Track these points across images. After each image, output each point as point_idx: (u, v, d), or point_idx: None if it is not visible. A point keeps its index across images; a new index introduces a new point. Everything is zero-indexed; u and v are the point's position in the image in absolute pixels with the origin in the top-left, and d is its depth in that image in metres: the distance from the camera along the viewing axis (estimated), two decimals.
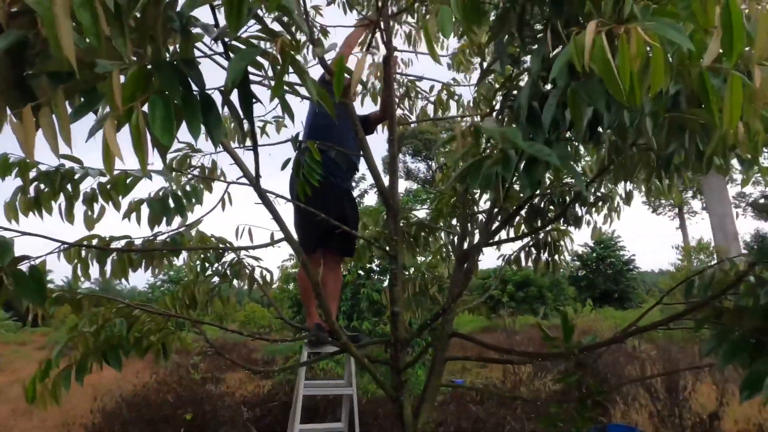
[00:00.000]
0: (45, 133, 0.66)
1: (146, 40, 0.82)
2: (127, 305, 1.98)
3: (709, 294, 1.57)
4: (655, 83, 0.63)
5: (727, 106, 0.68)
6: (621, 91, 0.62)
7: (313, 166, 1.95)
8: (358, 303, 7.05)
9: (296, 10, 0.73)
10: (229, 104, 0.84)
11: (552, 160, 0.82)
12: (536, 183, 0.89)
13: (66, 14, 0.59)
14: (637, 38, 0.60)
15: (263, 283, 2.55)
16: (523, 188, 0.89)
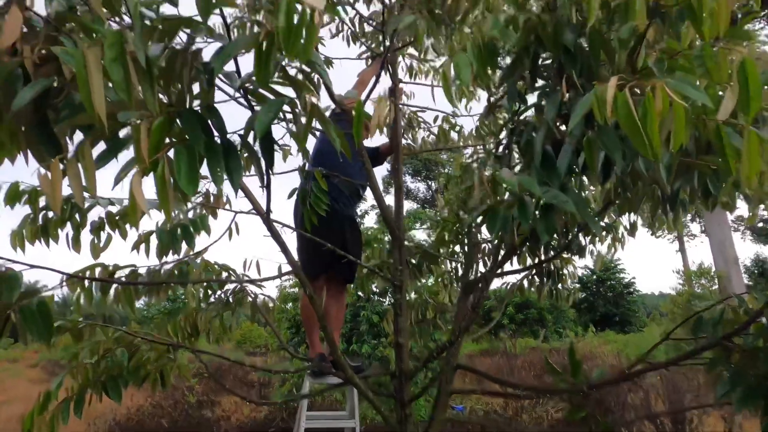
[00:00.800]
0: (72, 184, 0.67)
1: (171, 86, 0.83)
2: (129, 333, 1.96)
3: (719, 332, 1.56)
4: (677, 139, 0.64)
5: (745, 159, 0.70)
6: (646, 145, 0.63)
7: (319, 196, 1.96)
8: (357, 326, 6.97)
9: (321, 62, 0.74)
10: (250, 150, 0.85)
11: (569, 208, 0.83)
12: (553, 229, 0.90)
13: (98, 71, 0.61)
14: (662, 95, 0.61)
15: (265, 311, 2.53)
16: (540, 234, 0.89)
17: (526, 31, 0.99)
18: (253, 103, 0.97)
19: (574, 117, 0.75)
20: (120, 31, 0.64)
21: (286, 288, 8.29)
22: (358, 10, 2.47)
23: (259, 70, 0.70)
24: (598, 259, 2.88)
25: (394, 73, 2.37)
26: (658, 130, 0.62)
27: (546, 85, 1.29)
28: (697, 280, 10.66)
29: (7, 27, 0.81)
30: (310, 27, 0.65)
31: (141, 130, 0.68)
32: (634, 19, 0.80)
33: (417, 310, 3.07)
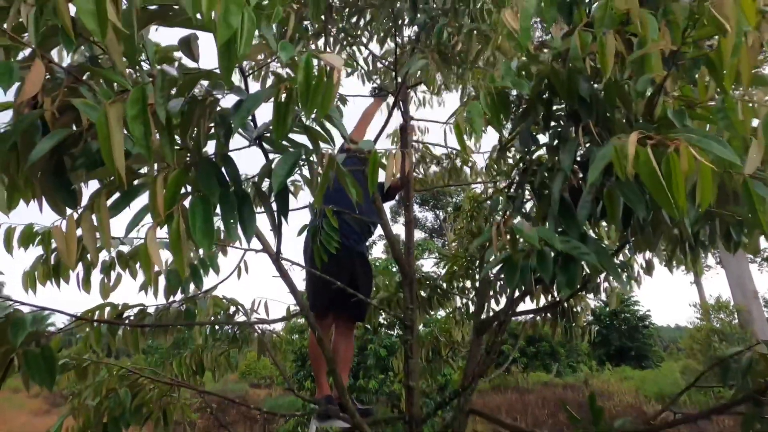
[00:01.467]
0: (85, 237, 0.66)
1: (187, 136, 0.84)
2: (132, 372, 1.92)
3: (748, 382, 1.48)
4: (704, 200, 0.62)
5: None
6: (670, 203, 0.62)
7: (330, 233, 1.95)
8: (364, 360, 6.80)
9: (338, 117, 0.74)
10: (264, 199, 0.85)
11: (591, 260, 0.80)
12: (574, 283, 0.87)
13: (120, 129, 0.61)
14: (687, 155, 0.60)
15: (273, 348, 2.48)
16: (560, 287, 0.86)
17: (539, 79, 0.99)
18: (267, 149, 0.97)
19: (594, 170, 0.73)
20: (142, 88, 0.65)
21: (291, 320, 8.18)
22: (371, 50, 2.54)
23: (277, 125, 0.70)
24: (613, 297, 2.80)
25: (406, 110, 2.40)
26: (684, 189, 0.60)
27: (558, 125, 1.29)
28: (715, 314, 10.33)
29: (30, 80, 0.83)
30: (328, 84, 0.66)
31: (157, 183, 0.67)
32: (651, 71, 0.80)
33: (428, 348, 2.99)
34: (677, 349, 13.36)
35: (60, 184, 0.91)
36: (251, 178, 0.92)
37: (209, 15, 0.60)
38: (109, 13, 0.63)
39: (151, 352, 13.24)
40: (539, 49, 1.07)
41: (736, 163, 0.63)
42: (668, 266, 2.17)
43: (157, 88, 0.67)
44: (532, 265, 0.88)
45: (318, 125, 0.87)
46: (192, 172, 0.80)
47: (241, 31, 0.62)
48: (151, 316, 1.77)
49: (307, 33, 2.09)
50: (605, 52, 0.77)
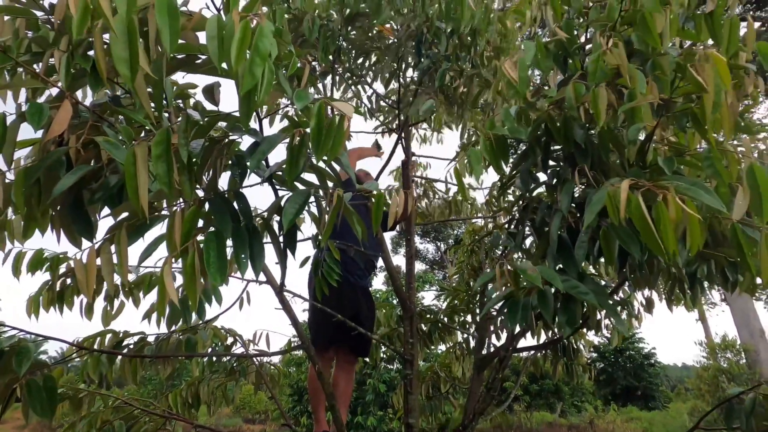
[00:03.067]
0: (104, 270, 0.69)
1: (203, 173, 0.88)
2: (127, 404, 1.89)
3: (753, 423, 1.46)
4: (693, 245, 0.66)
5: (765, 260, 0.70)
6: (660, 248, 0.65)
7: (332, 266, 1.97)
8: (363, 395, 6.63)
9: (347, 160, 0.79)
10: (272, 235, 0.88)
11: (590, 300, 0.82)
12: (574, 322, 0.89)
13: (145, 168, 0.65)
14: (675, 205, 0.64)
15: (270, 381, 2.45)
16: (560, 327, 0.88)
17: (536, 125, 1.05)
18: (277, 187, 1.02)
19: (589, 214, 0.77)
20: (167, 130, 0.69)
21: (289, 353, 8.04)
22: (375, 90, 2.64)
23: (290, 167, 0.75)
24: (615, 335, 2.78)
25: (408, 146, 2.48)
26: (673, 236, 0.64)
27: (557, 165, 1.34)
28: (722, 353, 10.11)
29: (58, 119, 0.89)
30: (339, 130, 0.71)
31: (176, 218, 0.71)
32: (641, 120, 0.85)
33: (428, 383, 2.93)
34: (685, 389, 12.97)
35: (78, 216, 0.95)
36: (261, 214, 0.96)
37: (238, 66, 0.65)
38: (142, 62, 0.69)
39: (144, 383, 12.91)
40: (537, 95, 1.14)
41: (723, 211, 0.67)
42: (668, 304, 2.18)
43: (181, 129, 0.72)
44: (533, 302, 0.90)
45: (327, 165, 0.92)
46: (206, 207, 0.84)
47: (261, 81, 0.68)
48: (151, 346, 1.76)
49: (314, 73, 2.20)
50: (598, 102, 0.83)
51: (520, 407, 11.47)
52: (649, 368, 14.99)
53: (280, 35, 0.80)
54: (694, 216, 0.64)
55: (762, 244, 0.71)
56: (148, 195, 0.68)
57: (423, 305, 3.22)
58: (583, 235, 0.92)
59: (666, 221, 0.63)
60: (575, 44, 1.05)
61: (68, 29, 0.88)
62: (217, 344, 2.17)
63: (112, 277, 0.71)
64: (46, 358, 2.04)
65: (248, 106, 0.67)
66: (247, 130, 0.82)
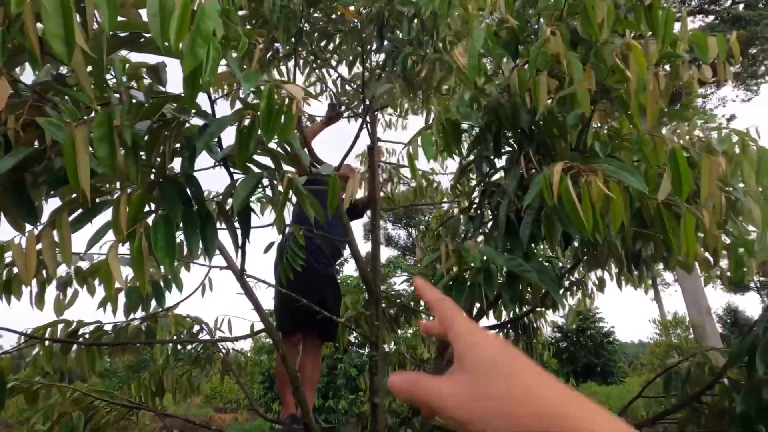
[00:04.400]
0: (45, 255, 0.68)
1: (152, 157, 0.87)
2: (86, 395, 1.85)
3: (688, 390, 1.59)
4: (615, 223, 0.71)
5: (683, 239, 0.77)
6: (585, 225, 0.70)
7: (296, 251, 1.98)
8: (334, 379, 6.71)
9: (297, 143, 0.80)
10: (227, 218, 0.88)
11: (533, 278, 0.87)
12: (516, 299, 0.94)
13: (85, 150, 0.64)
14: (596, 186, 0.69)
15: (237, 368, 2.44)
16: (505, 304, 0.93)
17: (487, 111, 1.08)
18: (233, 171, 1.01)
19: (528, 195, 0.81)
20: (108, 111, 0.68)
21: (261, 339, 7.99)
22: (340, 73, 2.62)
23: (240, 150, 0.75)
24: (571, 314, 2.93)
25: (373, 131, 2.48)
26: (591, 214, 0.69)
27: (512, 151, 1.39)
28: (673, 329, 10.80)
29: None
30: (288, 113, 0.71)
31: (121, 202, 0.70)
32: (579, 107, 0.90)
33: (395, 364, 3.01)
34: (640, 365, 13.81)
35: (20, 200, 0.91)
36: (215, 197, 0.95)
37: (177, 45, 0.65)
38: (77, 38, 0.67)
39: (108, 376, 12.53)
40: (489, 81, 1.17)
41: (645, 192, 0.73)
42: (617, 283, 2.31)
43: (124, 111, 0.71)
44: (479, 281, 0.94)
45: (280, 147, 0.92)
46: (156, 191, 0.83)
47: (206, 62, 0.67)
48: (108, 335, 1.72)
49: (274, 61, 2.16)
50: (538, 89, 0.87)
51: None
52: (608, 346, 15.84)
53: (228, 15, 0.79)
54: (617, 195, 0.69)
55: (681, 223, 0.78)
56: (90, 178, 0.67)
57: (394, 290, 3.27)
58: (526, 217, 0.96)
59: (586, 201, 0.68)
60: (526, 32, 1.08)
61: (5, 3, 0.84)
62: (181, 332, 2.14)
63: (55, 263, 0.69)
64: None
65: (193, 87, 0.66)
66: (197, 112, 0.81)
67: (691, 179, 0.75)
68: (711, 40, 1.08)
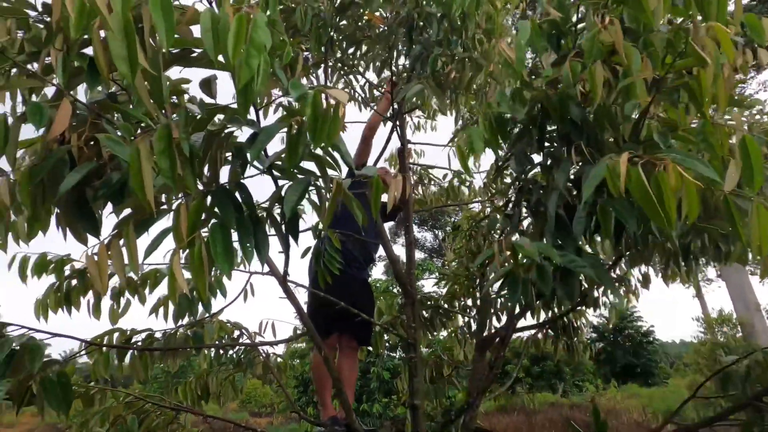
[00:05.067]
0: (114, 264, 0.71)
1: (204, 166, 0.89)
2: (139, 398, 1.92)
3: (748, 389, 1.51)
4: (691, 214, 0.68)
5: (754, 230, 0.72)
6: (662, 218, 0.67)
7: (333, 255, 1.99)
8: (367, 383, 6.72)
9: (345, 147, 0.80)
10: (275, 224, 0.90)
11: (587, 273, 0.85)
12: (573, 295, 0.91)
13: (149, 164, 0.67)
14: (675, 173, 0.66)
15: (277, 371, 2.48)
16: (559, 300, 0.91)
17: (532, 104, 1.06)
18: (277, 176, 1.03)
19: (587, 187, 0.79)
20: (168, 125, 0.70)
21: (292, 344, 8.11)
22: (368, 79, 2.64)
23: (289, 155, 0.76)
24: (613, 312, 2.82)
25: (403, 134, 2.48)
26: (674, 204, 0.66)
27: (552, 147, 1.36)
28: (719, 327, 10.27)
29: (59, 118, 0.89)
30: (334, 118, 0.72)
31: (181, 211, 0.73)
32: (636, 97, 0.87)
33: (431, 367, 2.98)
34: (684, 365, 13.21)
35: (83, 214, 0.96)
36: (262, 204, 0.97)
37: (235, 58, 0.66)
38: (140, 58, 0.70)
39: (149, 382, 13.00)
40: (531, 77, 1.15)
41: (717, 181, 0.69)
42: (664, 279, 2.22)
43: (181, 124, 0.73)
44: (532, 278, 0.92)
45: (325, 153, 0.93)
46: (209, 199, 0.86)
47: (258, 73, 0.68)
48: (158, 341, 1.79)
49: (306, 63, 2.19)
50: (594, 80, 0.84)
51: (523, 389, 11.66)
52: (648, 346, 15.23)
53: (273, 25, 0.81)
54: (691, 184, 0.66)
55: (752, 214, 0.73)
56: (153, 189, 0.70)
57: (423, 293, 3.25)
58: (581, 211, 0.94)
59: (668, 189, 0.65)
60: (569, 23, 1.06)
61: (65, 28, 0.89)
62: (224, 337, 2.20)
63: (124, 272, 0.72)
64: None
65: (246, 98, 0.68)
66: (246, 122, 0.83)
67: (763, 168, 0.71)
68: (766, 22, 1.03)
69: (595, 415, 1.80)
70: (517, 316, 1.88)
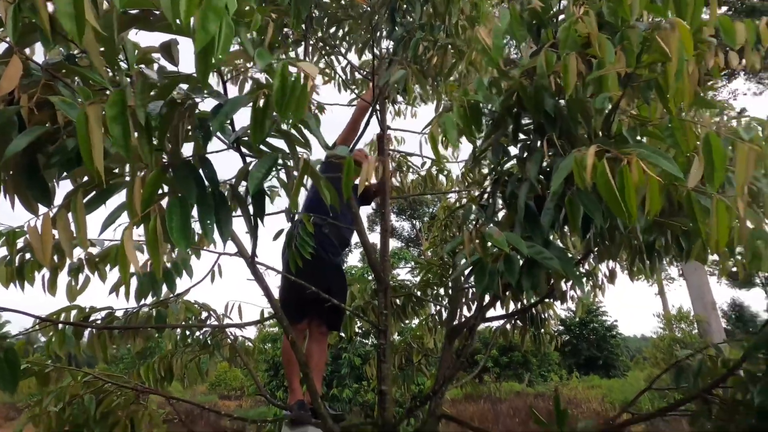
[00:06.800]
0: (61, 236, 0.66)
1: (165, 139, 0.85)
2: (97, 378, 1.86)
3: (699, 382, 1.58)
4: (654, 208, 0.69)
5: (714, 226, 0.74)
6: (623, 211, 0.67)
7: (305, 239, 1.96)
8: (338, 368, 6.76)
9: (313, 123, 0.78)
10: (240, 201, 0.86)
11: (554, 265, 0.85)
12: (537, 285, 0.92)
13: (99, 128, 0.62)
14: (638, 169, 0.66)
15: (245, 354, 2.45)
16: (525, 290, 0.91)
17: (508, 94, 1.05)
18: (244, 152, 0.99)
19: (556, 179, 0.79)
20: (122, 90, 0.66)
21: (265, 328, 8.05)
22: (349, 60, 2.58)
23: (255, 129, 0.73)
24: (580, 305, 2.91)
25: (383, 120, 2.45)
26: (634, 198, 0.66)
27: (527, 138, 1.36)
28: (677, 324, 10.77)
29: (7, 75, 0.83)
30: (302, 91, 0.69)
31: (135, 183, 0.69)
32: (608, 89, 0.87)
33: (401, 354, 3.01)
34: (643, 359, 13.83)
35: (33, 181, 0.90)
36: (228, 181, 0.94)
37: (188, 21, 0.62)
38: (88, 16, 0.65)
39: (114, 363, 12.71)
40: (509, 66, 1.14)
41: (680, 177, 0.70)
42: (629, 275, 2.29)
43: (137, 90, 0.69)
44: (500, 269, 0.93)
45: (295, 130, 0.90)
46: (169, 173, 0.82)
47: (218, 38, 0.64)
48: (119, 320, 1.73)
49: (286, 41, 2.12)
50: (568, 70, 0.84)
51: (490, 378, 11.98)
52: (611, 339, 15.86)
53: None
54: (654, 180, 0.67)
55: (713, 210, 0.75)
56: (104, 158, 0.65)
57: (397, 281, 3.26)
58: (549, 203, 0.94)
59: (629, 184, 0.66)
60: (549, 12, 1.05)
61: None
62: (190, 318, 2.15)
63: (71, 246, 0.68)
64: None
65: (205, 65, 0.64)
66: (210, 93, 0.79)
67: (725, 166, 0.73)
68: (739, 26, 1.05)
69: (556, 405, 1.85)
70: (486, 306, 1.91)
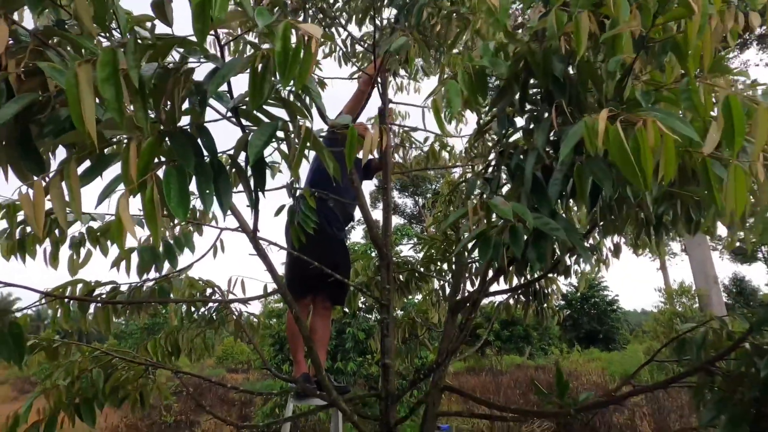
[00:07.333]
0: (54, 205, 0.64)
1: (161, 104, 0.82)
2: (105, 353, 1.89)
3: (702, 355, 1.58)
4: (668, 173, 0.66)
5: (730, 193, 0.71)
6: (638, 177, 0.65)
7: (308, 214, 1.95)
8: (343, 343, 6.87)
9: (316, 89, 0.74)
10: (240, 171, 0.84)
11: (560, 236, 0.83)
12: (543, 257, 0.90)
13: (90, 90, 0.59)
14: (654, 130, 0.63)
15: (250, 329, 2.48)
16: (531, 263, 0.90)
17: (515, 60, 1.01)
18: (243, 122, 0.96)
19: (565, 146, 0.76)
20: (113, 49, 0.63)
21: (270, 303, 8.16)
22: (350, 32, 2.50)
23: (253, 93, 0.70)
24: (582, 279, 2.91)
25: (384, 93, 2.39)
26: (651, 162, 0.63)
27: (534, 109, 1.32)
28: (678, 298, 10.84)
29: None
30: (306, 54, 0.65)
31: (130, 149, 0.66)
32: (621, 52, 0.83)
33: (404, 328, 3.04)
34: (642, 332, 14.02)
35: (26, 151, 0.87)
36: (227, 152, 0.91)
37: None
38: None
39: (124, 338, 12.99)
40: (517, 30, 1.09)
41: (696, 141, 0.67)
42: (634, 249, 2.27)
43: (129, 50, 0.65)
44: (505, 240, 0.91)
45: (296, 98, 0.87)
46: (166, 141, 0.79)
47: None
48: (123, 294, 1.73)
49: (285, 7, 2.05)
50: (579, 30, 0.79)
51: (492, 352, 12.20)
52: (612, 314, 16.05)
53: None
54: (670, 140, 0.64)
55: (730, 176, 0.72)
56: (96, 123, 0.63)
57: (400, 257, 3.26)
58: (557, 172, 0.91)
59: (646, 147, 0.63)
60: None
61: None
62: (195, 294, 2.16)
63: (65, 215, 0.66)
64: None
65: (202, 22, 0.61)
66: (207, 56, 0.75)
67: (744, 130, 0.69)
68: None
69: (558, 376, 1.87)
70: (489, 281, 1.90)
